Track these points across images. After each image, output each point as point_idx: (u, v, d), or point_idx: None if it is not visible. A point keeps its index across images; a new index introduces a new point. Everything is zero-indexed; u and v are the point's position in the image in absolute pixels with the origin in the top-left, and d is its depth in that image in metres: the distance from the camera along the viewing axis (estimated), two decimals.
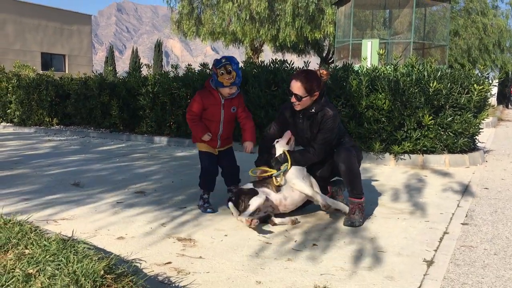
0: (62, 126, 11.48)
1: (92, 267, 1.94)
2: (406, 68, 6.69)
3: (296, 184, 3.50)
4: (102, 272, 1.90)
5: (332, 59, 22.63)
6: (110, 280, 1.88)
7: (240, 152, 4.10)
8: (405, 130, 6.31)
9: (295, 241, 3.10)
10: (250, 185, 3.57)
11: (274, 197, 3.50)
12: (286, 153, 3.56)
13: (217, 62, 3.65)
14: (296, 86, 3.47)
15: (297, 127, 3.68)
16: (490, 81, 6.43)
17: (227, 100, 3.77)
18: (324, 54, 27.76)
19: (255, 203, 3.35)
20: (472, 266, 2.69)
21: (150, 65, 10.22)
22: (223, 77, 3.60)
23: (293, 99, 3.53)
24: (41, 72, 17.01)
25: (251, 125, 3.92)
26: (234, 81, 3.63)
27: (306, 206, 3.79)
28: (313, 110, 3.54)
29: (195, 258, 2.75)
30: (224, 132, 3.86)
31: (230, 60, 3.63)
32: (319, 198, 3.47)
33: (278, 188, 3.52)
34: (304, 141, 3.70)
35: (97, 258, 2.10)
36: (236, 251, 2.90)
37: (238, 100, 3.85)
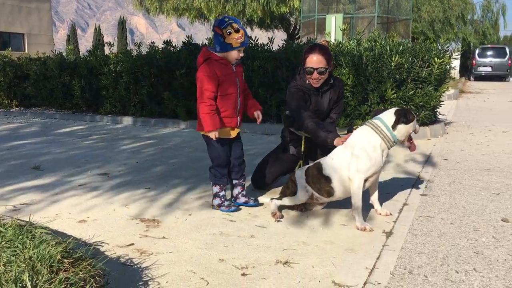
0: (22, 108, 11.12)
1: (48, 252, 1.91)
2: (369, 43, 6.74)
3: (355, 183, 2.94)
4: (59, 257, 1.87)
5: (299, 34, 22.57)
6: (67, 265, 1.85)
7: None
8: (369, 104, 6.39)
9: (259, 218, 3.12)
10: (303, 176, 3.15)
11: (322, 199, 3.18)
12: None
13: (220, 22, 3.06)
14: (318, 60, 3.37)
15: (317, 105, 3.54)
16: (450, 54, 6.56)
17: (237, 67, 3.22)
18: (291, 30, 27.64)
19: (294, 201, 3.16)
20: (429, 235, 2.78)
21: (113, 43, 9.94)
22: (232, 37, 3.02)
23: (315, 76, 3.40)
24: None
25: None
26: (244, 40, 3.08)
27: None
28: (331, 81, 3.54)
29: (158, 239, 2.74)
30: (241, 106, 3.28)
31: (234, 19, 3.10)
32: (357, 218, 2.94)
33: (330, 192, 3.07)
34: (321, 115, 3.58)
35: (54, 242, 2.06)
36: (199, 230, 2.90)
37: (242, 69, 3.34)
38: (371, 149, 2.93)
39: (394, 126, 2.94)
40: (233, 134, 3.27)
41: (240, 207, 3.32)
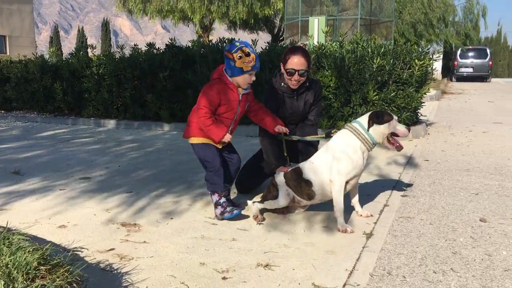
0: (3, 112, 10.96)
1: (25, 259, 1.89)
2: (351, 45, 6.79)
3: (337, 185, 2.96)
4: (35, 264, 1.85)
5: (283, 36, 22.64)
6: (44, 272, 1.84)
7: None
8: (352, 106, 6.44)
9: (241, 221, 3.12)
10: (283, 180, 3.15)
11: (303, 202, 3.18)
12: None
13: (231, 46, 3.07)
14: (301, 62, 3.41)
15: (291, 107, 3.59)
16: (431, 56, 6.65)
17: (244, 95, 3.19)
18: (275, 31, 27.72)
19: (275, 204, 3.15)
20: (408, 236, 2.81)
21: (95, 45, 9.87)
22: (242, 60, 3.03)
23: (296, 77, 3.42)
24: None
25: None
26: (255, 64, 3.09)
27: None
28: (307, 84, 3.57)
29: (139, 243, 2.73)
30: (232, 131, 3.27)
31: (245, 43, 3.12)
32: (339, 221, 2.96)
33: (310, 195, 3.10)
34: (297, 118, 3.65)
35: (31, 249, 2.04)
36: (181, 233, 2.89)
37: (251, 95, 3.30)
38: (351, 151, 2.95)
39: (367, 128, 2.97)
40: (219, 146, 3.26)
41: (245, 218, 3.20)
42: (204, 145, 3.20)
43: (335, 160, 2.96)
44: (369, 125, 2.97)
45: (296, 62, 3.42)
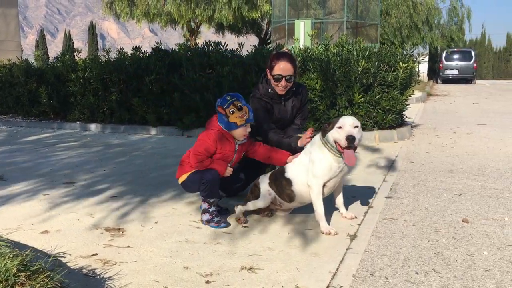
0: None
1: (4, 265, 1.86)
2: (336, 48, 6.83)
3: (314, 189, 3.00)
4: (14, 270, 1.83)
5: (270, 39, 22.68)
6: (23, 278, 1.82)
7: None
8: (337, 108, 6.48)
9: (226, 224, 3.12)
10: (266, 181, 3.20)
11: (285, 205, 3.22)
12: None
13: (222, 101, 3.07)
14: (287, 68, 3.42)
15: (279, 113, 3.61)
16: (415, 59, 6.72)
17: (240, 145, 3.21)
18: (263, 34, 27.76)
19: (257, 204, 3.16)
20: (392, 237, 2.83)
21: (80, 49, 9.81)
22: (235, 115, 3.03)
23: (283, 83, 3.44)
24: None
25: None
26: (249, 116, 3.08)
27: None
28: (293, 89, 3.58)
29: (122, 248, 2.71)
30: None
31: (236, 96, 3.09)
32: (322, 223, 2.98)
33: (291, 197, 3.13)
34: (285, 123, 3.67)
35: (12, 255, 2.02)
36: (165, 238, 2.88)
37: (248, 143, 3.28)
38: (324, 154, 2.97)
39: (322, 135, 2.97)
40: None
41: (229, 221, 3.21)
42: (190, 176, 3.13)
43: (311, 162, 3.00)
44: (322, 133, 2.98)
45: (282, 68, 3.43)
